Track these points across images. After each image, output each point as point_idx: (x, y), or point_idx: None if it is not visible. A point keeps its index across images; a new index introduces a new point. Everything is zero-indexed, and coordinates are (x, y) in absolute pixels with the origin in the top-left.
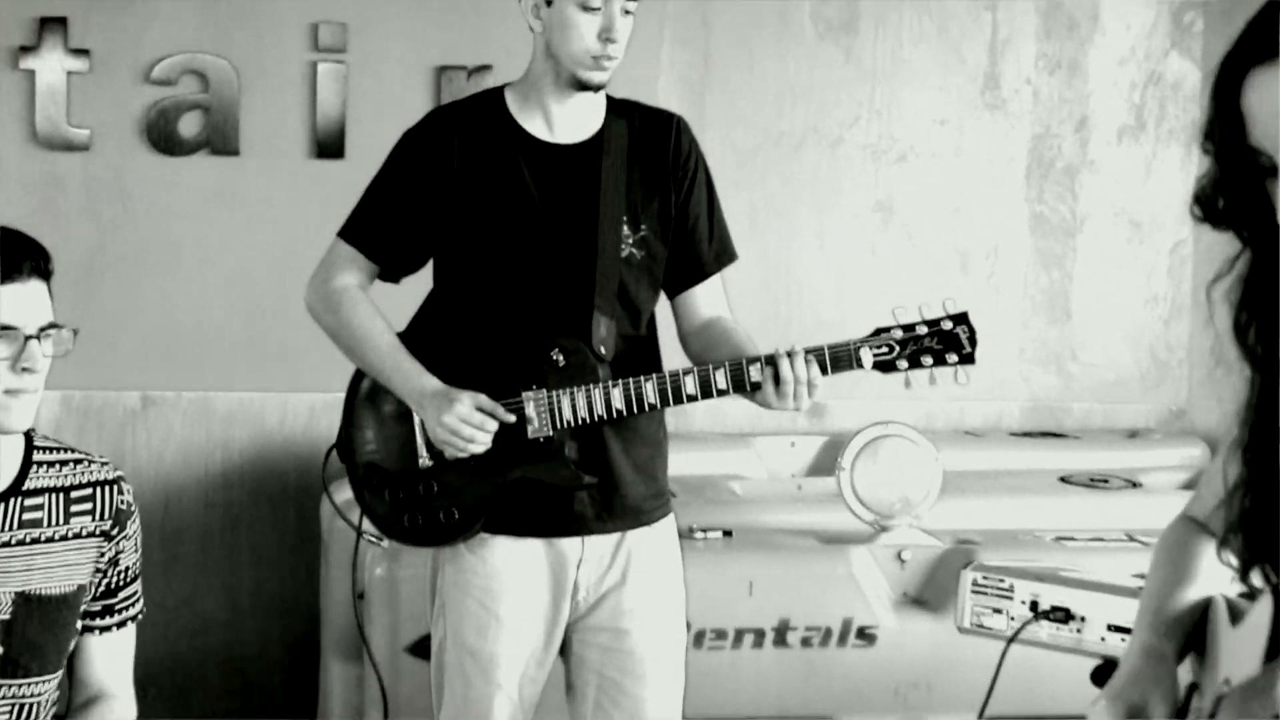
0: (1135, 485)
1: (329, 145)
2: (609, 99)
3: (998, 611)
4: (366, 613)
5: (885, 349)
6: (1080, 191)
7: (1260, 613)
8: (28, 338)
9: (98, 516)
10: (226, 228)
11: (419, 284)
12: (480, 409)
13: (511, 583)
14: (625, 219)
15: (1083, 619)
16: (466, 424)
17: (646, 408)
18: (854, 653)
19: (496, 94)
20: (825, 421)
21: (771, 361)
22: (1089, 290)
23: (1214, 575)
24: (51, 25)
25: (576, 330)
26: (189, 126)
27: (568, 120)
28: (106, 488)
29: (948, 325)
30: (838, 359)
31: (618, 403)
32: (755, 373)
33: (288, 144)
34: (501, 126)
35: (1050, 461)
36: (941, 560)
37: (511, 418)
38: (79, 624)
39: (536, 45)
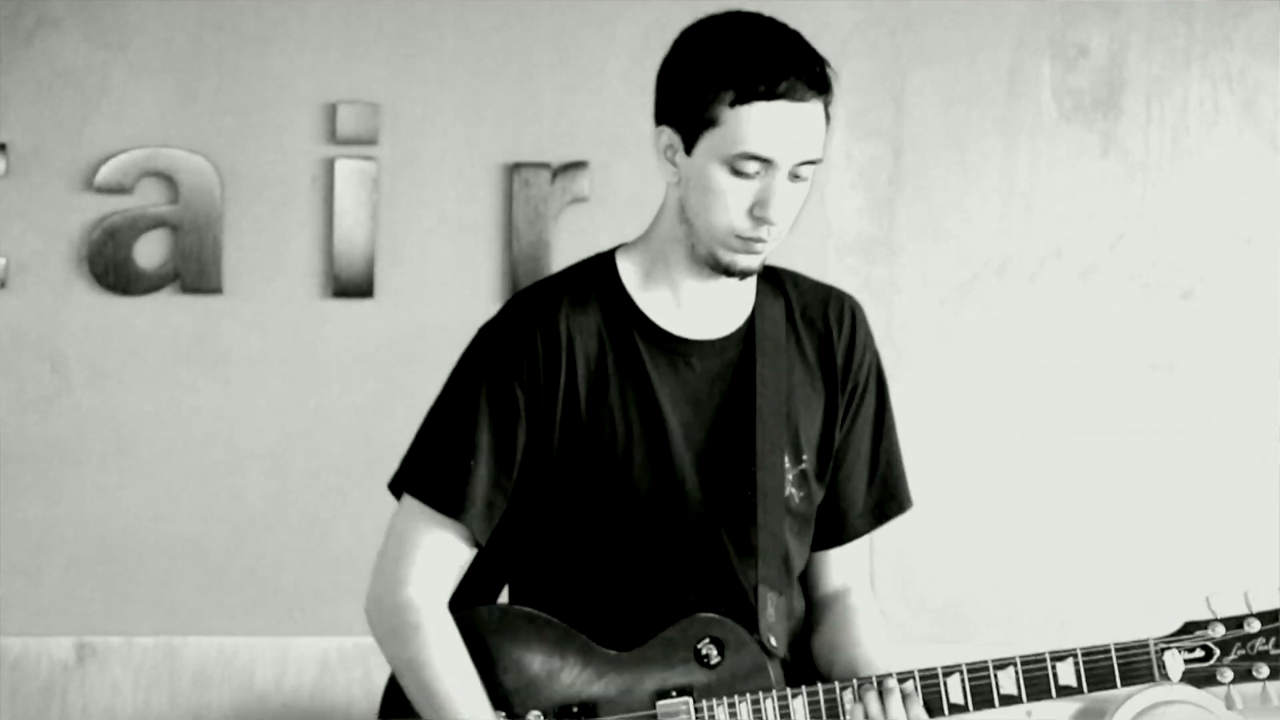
0: None
1: (351, 279)
2: None
3: None
4: None
5: (1200, 654)
6: None
7: None
8: None
9: None
10: (202, 399)
11: None
12: None
13: None
14: (786, 446)
15: None
16: None
17: None
18: None
19: (606, 264)
20: None
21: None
22: None
23: None
24: None
25: (734, 612)
26: (150, 253)
27: (707, 303)
28: None
29: None
30: (1098, 671)
31: (800, 718)
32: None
33: (292, 277)
34: (620, 317)
35: None
36: None
37: None
38: None
39: (669, 197)
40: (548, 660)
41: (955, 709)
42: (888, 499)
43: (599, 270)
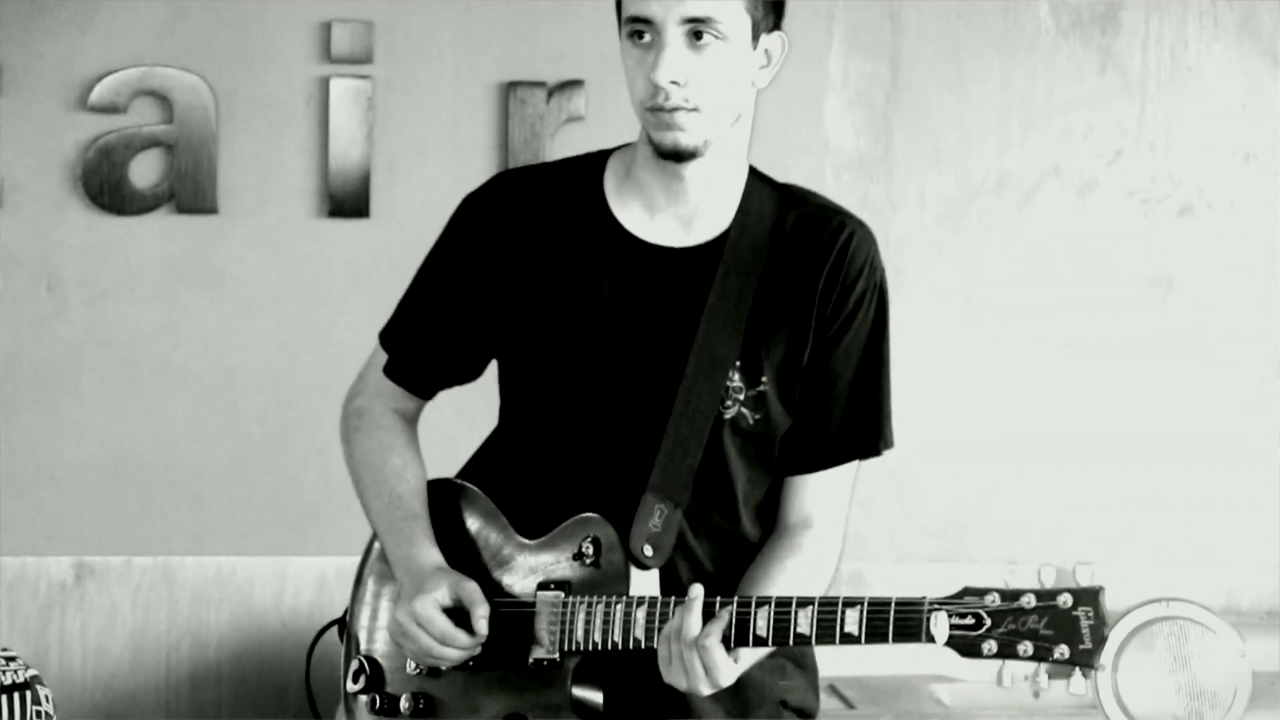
0: None
1: (347, 199)
2: (756, 180)
3: None
4: None
5: (970, 620)
6: None
7: None
8: None
9: None
10: (199, 319)
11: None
12: (452, 607)
13: None
14: (739, 364)
15: None
16: (424, 630)
17: None
18: None
19: (596, 162)
20: None
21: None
22: None
23: None
24: None
25: (621, 517)
26: (145, 173)
27: (677, 208)
28: (14, 696)
29: (1064, 602)
30: (876, 623)
31: (639, 630)
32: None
33: (287, 197)
34: (589, 213)
35: None
36: None
37: (484, 633)
38: None
39: None
40: (470, 537)
41: (759, 641)
42: (860, 436)
43: (585, 168)
